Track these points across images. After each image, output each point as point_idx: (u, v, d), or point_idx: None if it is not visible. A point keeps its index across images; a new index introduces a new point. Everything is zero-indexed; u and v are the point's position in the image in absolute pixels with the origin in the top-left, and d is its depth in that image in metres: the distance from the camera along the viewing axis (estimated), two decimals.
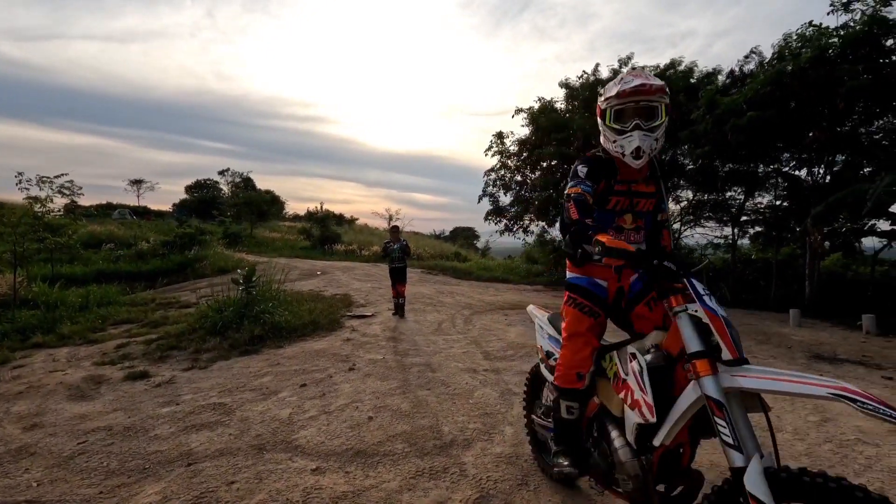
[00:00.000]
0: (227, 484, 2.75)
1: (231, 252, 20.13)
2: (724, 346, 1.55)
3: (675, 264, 1.72)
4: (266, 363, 5.50)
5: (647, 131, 1.92)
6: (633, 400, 1.73)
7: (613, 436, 1.89)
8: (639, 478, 1.75)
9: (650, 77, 1.97)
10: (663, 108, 1.94)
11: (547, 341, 2.56)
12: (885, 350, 6.74)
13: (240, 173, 49.35)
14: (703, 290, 1.65)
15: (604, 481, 2.05)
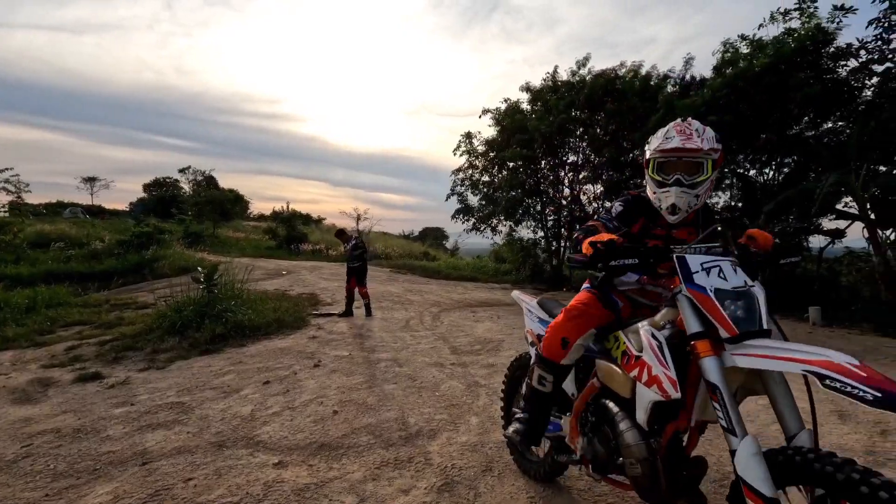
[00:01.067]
0: (183, 481, 2.66)
1: (192, 252, 19.45)
2: (718, 325, 1.51)
3: (665, 247, 1.72)
4: (228, 362, 5.35)
5: (687, 187, 1.86)
6: (652, 377, 1.64)
7: (618, 419, 1.81)
8: (647, 461, 1.69)
9: (693, 136, 1.87)
10: (710, 163, 1.87)
11: (537, 324, 2.51)
12: (829, 340, 7.15)
13: (201, 171, 47.74)
14: (698, 268, 1.60)
15: (601, 469, 1.97)
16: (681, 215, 1.91)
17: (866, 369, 1.27)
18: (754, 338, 1.47)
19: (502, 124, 15.35)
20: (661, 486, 1.69)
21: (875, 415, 3.75)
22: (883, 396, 1.18)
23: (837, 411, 3.81)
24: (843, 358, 1.32)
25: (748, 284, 1.57)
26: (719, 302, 1.52)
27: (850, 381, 1.24)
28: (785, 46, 9.57)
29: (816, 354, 1.35)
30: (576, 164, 15.42)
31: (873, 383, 1.22)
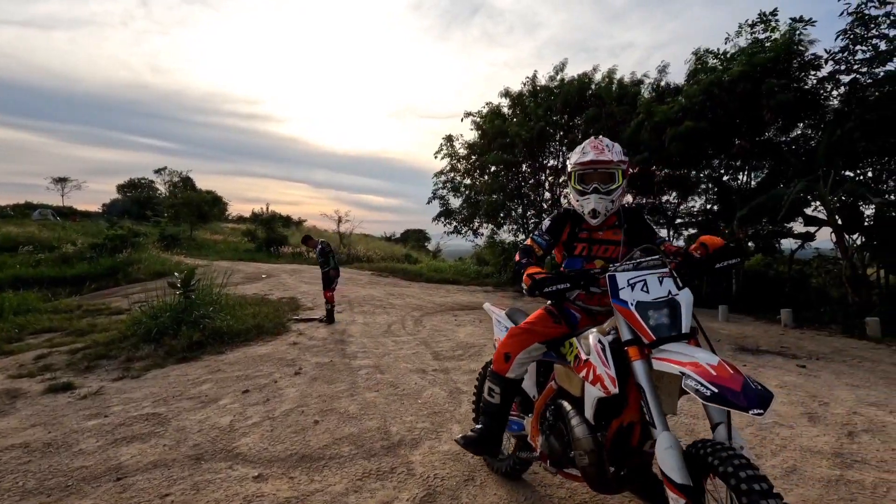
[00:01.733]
0: (160, 497, 2.60)
1: (168, 255, 19.03)
2: (639, 333, 1.73)
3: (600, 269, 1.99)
4: (206, 370, 5.25)
5: (604, 194, 2.18)
6: (596, 376, 1.83)
7: (571, 415, 1.99)
8: (594, 452, 1.85)
9: (605, 150, 2.21)
10: (620, 173, 2.20)
11: (504, 333, 2.60)
12: (799, 341, 7.38)
13: (178, 172, 46.63)
14: (624, 284, 1.82)
15: (557, 463, 2.13)
16: (600, 218, 2.24)
17: (719, 368, 1.50)
18: (673, 342, 1.68)
19: (483, 128, 15.45)
20: (606, 476, 1.87)
21: (843, 417, 3.89)
22: (717, 393, 1.43)
23: (808, 413, 3.94)
24: (706, 359, 1.55)
25: (672, 294, 1.77)
26: (639, 313, 1.74)
27: (699, 379, 1.49)
28: (758, 56, 9.87)
29: (690, 357, 1.58)
30: (556, 168, 15.59)
31: (716, 381, 1.46)
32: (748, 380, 1.48)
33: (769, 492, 1.32)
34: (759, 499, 1.31)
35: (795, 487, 2.69)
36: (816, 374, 5.30)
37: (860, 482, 2.76)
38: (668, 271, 1.83)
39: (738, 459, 1.40)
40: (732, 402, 1.41)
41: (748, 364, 5.68)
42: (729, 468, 1.39)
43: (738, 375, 1.48)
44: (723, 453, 1.44)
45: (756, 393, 1.42)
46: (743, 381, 1.46)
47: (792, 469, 2.92)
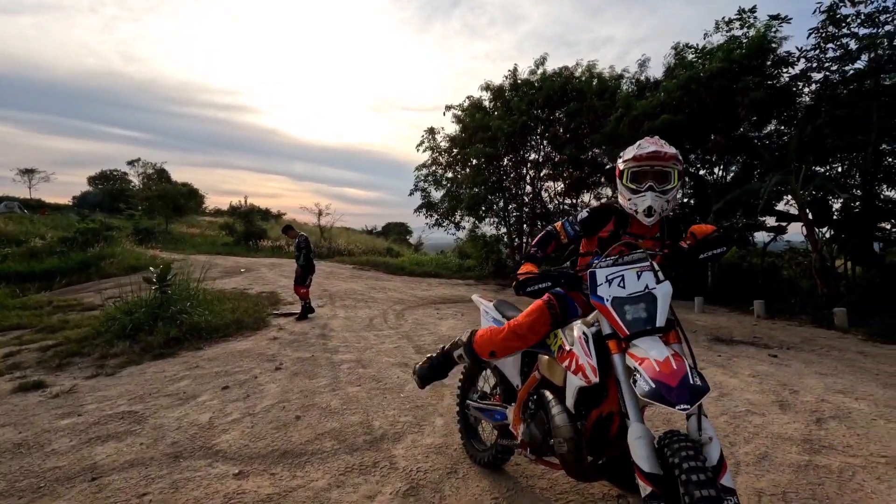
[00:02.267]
0: (137, 497, 2.56)
1: (143, 249, 18.55)
2: (614, 328, 1.78)
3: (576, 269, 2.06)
4: (183, 366, 5.16)
5: (659, 193, 2.05)
6: (578, 365, 1.86)
7: (552, 404, 2.02)
8: (573, 440, 1.89)
9: (665, 145, 2.10)
10: (676, 173, 2.07)
11: (491, 324, 2.65)
12: (771, 331, 7.61)
13: (152, 164, 45.35)
14: (603, 280, 1.86)
15: (537, 451, 2.17)
16: (655, 217, 2.07)
17: (664, 364, 1.57)
18: (648, 335, 1.72)
19: (464, 122, 15.42)
20: (584, 464, 1.92)
21: (813, 404, 4.03)
22: (653, 389, 1.52)
23: (779, 401, 4.07)
24: (656, 354, 1.62)
25: (649, 288, 1.80)
26: (615, 309, 1.78)
27: (644, 375, 1.57)
28: (734, 52, 10.06)
29: (644, 351, 1.65)
30: (537, 162, 15.67)
31: (657, 377, 1.54)
32: (689, 374, 1.55)
33: (707, 482, 1.38)
34: (695, 489, 1.37)
35: (767, 473, 2.79)
36: (787, 363, 5.48)
37: (827, 467, 2.88)
38: (648, 265, 1.86)
39: (688, 451, 1.46)
40: (665, 398, 1.49)
41: (723, 354, 5.84)
42: (676, 458, 1.46)
43: (680, 370, 1.55)
44: (676, 444, 1.50)
45: (691, 388, 1.50)
46: (683, 375, 1.53)
47: (764, 455, 3.02)
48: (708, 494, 1.36)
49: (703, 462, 1.46)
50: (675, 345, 1.77)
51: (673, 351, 1.67)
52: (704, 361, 5.41)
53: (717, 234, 1.91)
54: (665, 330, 1.75)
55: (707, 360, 5.51)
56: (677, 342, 1.79)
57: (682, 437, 1.54)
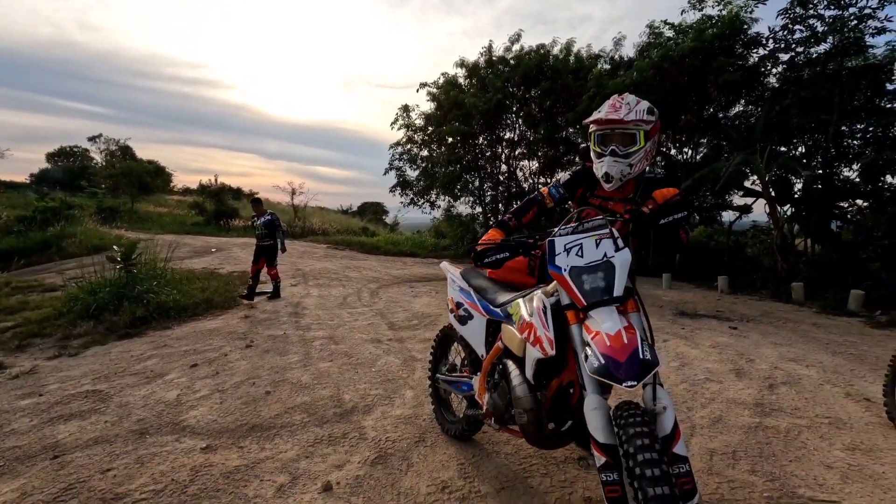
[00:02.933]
0: (101, 472, 2.53)
1: (107, 229, 17.91)
2: (572, 299, 1.77)
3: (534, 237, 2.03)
4: (151, 346, 5.07)
5: (621, 157, 2.04)
6: (536, 337, 1.86)
7: (513, 375, 2.02)
8: (533, 411, 1.89)
9: (630, 106, 2.04)
10: (642, 134, 2.03)
11: (458, 293, 2.65)
12: (733, 305, 7.91)
13: (115, 140, 43.27)
14: (561, 249, 1.85)
15: (501, 420, 2.20)
16: (615, 183, 2.10)
17: (615, 339, 1.58)
18: (606, 305, 1.71)
19: (439, 100, 15.23)
20: (544, 433, 1.93)
21: (766, 371, 4.23)
22: (602, 365, 1.54)
23: (735, 370, 4.26)
24: (608, 328, 1.62)
25: (607, 256, 1.79)
26: (572, 278, 1.77)
27: (595, 350, 1.59)
28: (706, 32, 10.15)
29: (598, 324, 1.66)
30: (512, 141, 15.66)
31: (606, 352, 1.55)
32: (640, 348, 1.56)
33: (656, 460, 1.39)
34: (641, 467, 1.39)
35: (720, 435, 2.94)
36: (746, 334, 5.72)
37: (776, 427, 3.05)
38: (607, 232, 1.84)
39: (637, 426, 1.47)
40: (613, 374, 1.51)
41: (686, 327, 6.06)
42: (624, 433, 1.49)
43: (630, 344, 1.56)
44: (626, 418, 1.52)
45: (639, 363, 1.52)
46: (633, 350, 1.54)
47: (718, 419, 3.18)
48: (652, 474, 1.36)
49: (653, 435, 1.46)
50: (632, 314, 1.76)
51: (627, 323, 1.66)
52: (668, 334, 5.61)
53: (678, 198, 1.86)
54: (623, 299, 1.74)
55: (671, 332, 5.71)
56: (635, 311, 1.78)
57: (634, 409, 1.54)
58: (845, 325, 6.46)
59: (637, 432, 1.46)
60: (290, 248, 16.50)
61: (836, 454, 2.71)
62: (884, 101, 9.60)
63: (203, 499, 2.28)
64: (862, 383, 3.94)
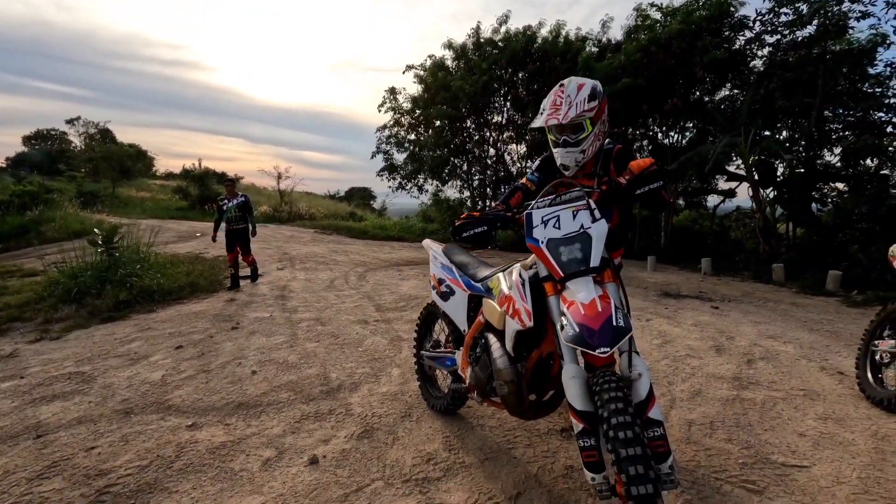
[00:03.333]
0: (85, 450, 2.52)
1: (88, 213, 17.56)
2: (549, 270, 1.80)
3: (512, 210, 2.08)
4: (135, 329, 5.02)
5: (572, 146, 2.08)
6: (515, 310, 1.89)
7: (494, 348, 2.04)
8: (514, 382, 1.92)
9: (565, 105, 2.03)
10: (588, 122, 2.05)
11: (440, 269, 2.68)
12: (716, 287, 8.05)
13: (94, 123, 42.11)
14: (538, 222, 1.87)
15: (483, 393, 2.23)
16: (572, 170, 2.17)
17: (589, 307, 1.61)
18: (582, 276, 1.73)
19: (426, 82, 15.06)
20: (524, 404, 1.96)
21: (746, 347, 4.34)
22: (576, 333, 1.57)
23: (716, 346, 4.36)
24: (583, 297, 1.66)
25: (584, 227, 1.80)
26: (550, 250, 1.79)
27: (570, 319, 1.62)
28: (694, 14, 10.14)
29: (574, 294, 1.68)
30: (500, 124, 15.59)
31: (581, 321, 1.59)
32: (613, 316, 1.59)
33: (629, 423, 1.43)
34: (615, 430, 1.43)
35: (698, 407, 3.02)
36: (727, 313, 5.85)
37: (752, 400, 3.14)
38: (584, 204, 1.86)
39: (612, 392, 1.51)
40: (587, 341, 1.55)
41: (670, 307, 6.16)
42: (600, 399, 1.53)
43: (605, 313, 1.59)
44: (602, 384, 1.54)
45: (613, 330, 1.55)
46: (606, 318, 1.57)
47: (697, 392, 3.26)
48: (625, 436, 1.41)
49: (627, 400, 1.50)
50: (609, 284, 1.77)
51: (602, 292, 1.69)
52: (652, 314, 5.70)
53: (654, 167, 1.89)
54: (599, 270, 1.76)
55: (654, 312, 5.81)
56: (612, 281, 1.80)
57: (610, 376, 1.57)
58: (823, 305, 6.63)
59: (612, 397, 1.50)
60: (277, 233, 16.37)
61: (808, 423, 2.80)
62: (866, 86, 9.73)
63: (189, 473, 2.28)
64: (836, 358, 4.07)
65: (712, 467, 2.32)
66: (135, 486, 2.20)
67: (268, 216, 22.00)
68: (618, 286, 1.81)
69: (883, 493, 2.12)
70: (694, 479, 2.21)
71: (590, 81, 2.11)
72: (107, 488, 2.18)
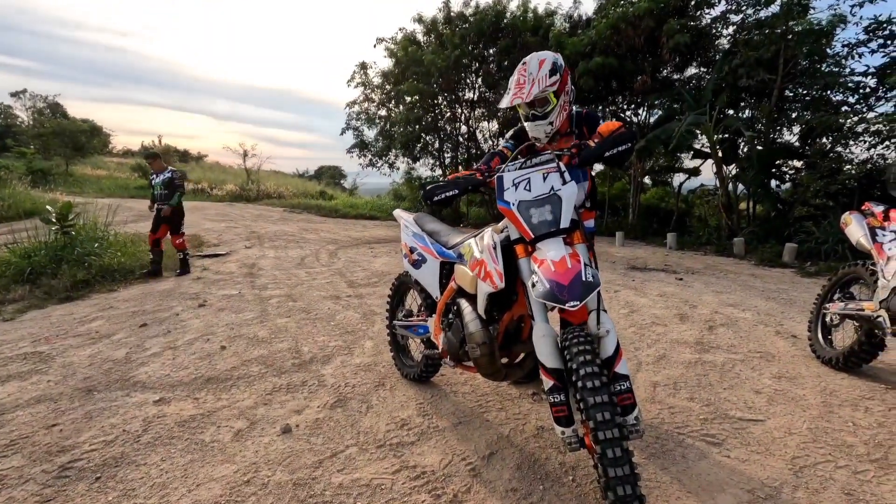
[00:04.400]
0: (46, 428, 2.43)
1: (39, 192, 16.63)
2: (520, 232, 1.82)
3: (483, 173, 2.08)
4: (95, 308, 4.83)
5: (541, 118, 2.12)
6: (486, 272, 1.91)
7: (466, 312, 2.06)
8: (486, 345, 1.94)
9: (528, 83, 2.07)
10: (552, 94, 2.09)
11: (411, 238, 2.67)
12: (680, 260, 8.32)
13: (42, 97, 39.65)
14: (510, 185, 1.89)
15: (456, 357, 2.25)
16: (544, 140, 2.21)
17: (559, 264, 1.65)
18: (553, 237, 1.77)
19: (397, 56, 14.73)
20: (497, 365, 2.00)
21: (707, 315, 4.51)
22: (547, 289, 1.61)
23: (680, 315, 4.52)
24: (553, 255, 1.70)
25: (554, 190, 1.83)
26: (521, 213, 1.82)
27: (541, 276, 1.65)
28: None
29: (544, 253, 1.72)
30: (472, 101, 15.44)
31: (552, 277, 1.62)
32: (582, 272, 1.63)
33: (596, 373, 1.51)
34: (584, 380, 1.51)
35: (663, 370, 3.14)
36: (690, 284, 6.06)
37: (713, 362, 3.28)
38: (555, 167, 1.88)
39: (581, 346, 1.57)
40: (557, 296, 1.58)
41: (636, 279, 6.34)
42: (569, 353, 1.59)
43: (574, 269, 1.63)
44: (571, 341, 1.61)
45: (582, 284, 1.59)
46: (576, 273, 1.62)
47: (662, 356, 3.39)
48: (593, 385, 1.49)
49: (595, 353, 1.57)
50: (578, 245, 1.82)
51: (571, 250, 1.73)
52: (620, 285, 5.86)
53: (623, 130, 1.91)
54: (569, 231, 1.80)
55: (622, 284, 5.97)
56: (581, 242, 1.84)
57: (578, 332, 1.63)
58: (779, 275, 6.95)
59: (580, 350, 1.56)
60: (245, 212, 15.91)
61: (764, 382, 2.96)
62: (824, 66, 10.04)
63: (157, 446, 2.24)
64: (791, 323, 4.29)
65: (675, 423, 2.42)
66: (100, 460, 2.14)
67: (234, 195, 21.33)
68: (587, 247, 1.85)
69: (829, 441, 2.26)
70: (658, 435, 2.31)
71: (550, 56, 2.14)
72: (70, 464, 2.12)
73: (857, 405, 2.64)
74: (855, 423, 2.43)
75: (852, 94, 9.80)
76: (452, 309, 2.26)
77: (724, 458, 2.13)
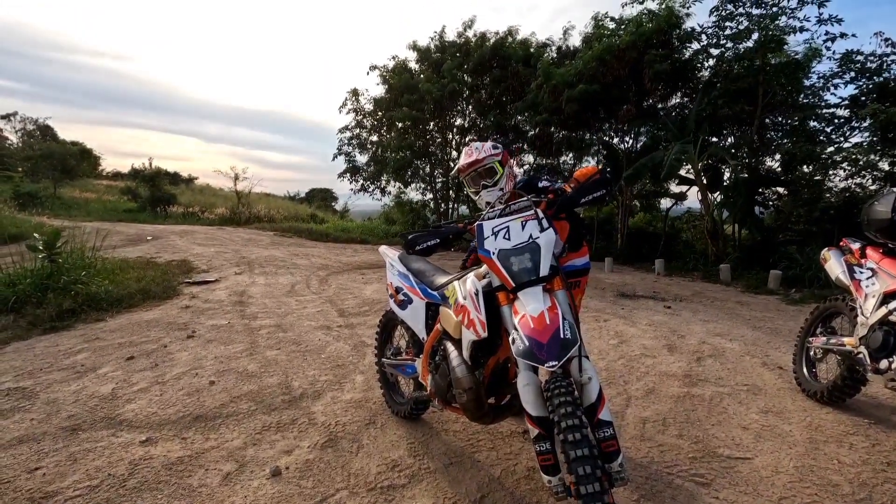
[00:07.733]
0: (28, 472, 2.38)
1: (26, 216, 16.46)
2: (502, 281, 1.87)
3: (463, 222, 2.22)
4: (81, 339, 4.76)
5: (491, 186, 2.39)
6: (469, 320, 1.93)
7: (452, 356, 2.07)
8: (472, 390, 1.96)
9: (475, 151, 2.42)
10: (497, 163, 2.39)
11: (397, 277, 2.69)
12: (668, 287, 8.42)
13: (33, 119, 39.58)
14: (489, 233, 1.96)
15: (444, 400, 2.26)
16: (498, 206, 2.28)
17: (538, 320, 1.69)
18: (533, 285, 1.82)
19: (390, 83, 15.01)
20: (484, 409, 2.02)
21: (695, 346, 4.57)
22: (526, 347, 1.64)
23: (668, 345, 4.57)
24: (532, 309, 1.73)
25: (533, 237, 1.89)
26: (501, 261, 1.87)
27: (520, 333, 1.69)
28: (644, 26, 10.57)
29: (524, 306, 1.76)
30: (463, 128, 15.72)
31: (531, 334, 1.66)
32: (560, 328, 1.65)
33: (577, 425, 1.52)
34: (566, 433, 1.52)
35: (652, 404, 3.16)
36: (679, 313, 6.13)
37: (701, 396, 3.32)
38: (532, 214, 1.95)
39: (562, 398, 1.58)
40: (536, 356, 1.61)
41: (626, 307, 6.40)
42: (551, 404, 1.61)
43: (553, 325, 1.66)
44: (553, 391, 1.62)
45: (560, 343, 1.62)
46: (554, 330, 1.64)
47: (651, 390, 3.41)
48: (574, 438, 1.50)
49: (576, 403, 1.58)
50: (558, 291, 1.86)
51: (550, 303, 1.77)
52: (609, 314, 5.91)
53: (598, 176, 2.01)
54: (549, 278, 1.85)
55: (612, 312, 6.02)
56: (561, 288, 1.88)
57: (561, 380, 1.64)
58: (765, 303, 7.06)
59: (562, 402, 1.58)
60: (234, 236, 15.86)
61: (751, 417, 3.00)
62: (801, 97, 10.42)
63: (143, 492, 2.20)
64: (776, 354, 4.35)
65: (665, 462, 2.44)
66: None
67: (224, 218, 21.26)
68: (566, 293, 1.88)
69: (815, 480, 2.29)
70: (648, 475, 2.32)
71: (489, 141, 2.51)
72: None
73: (842, 441, 2.68)
74: (840, 461, 2.47)
75: (828, 124, 10.16)
76: (439, 351, 2.28)
77: (714, 499, 2.15)
